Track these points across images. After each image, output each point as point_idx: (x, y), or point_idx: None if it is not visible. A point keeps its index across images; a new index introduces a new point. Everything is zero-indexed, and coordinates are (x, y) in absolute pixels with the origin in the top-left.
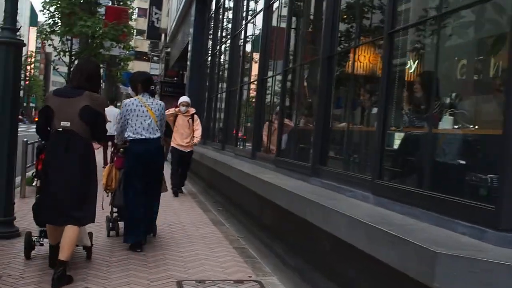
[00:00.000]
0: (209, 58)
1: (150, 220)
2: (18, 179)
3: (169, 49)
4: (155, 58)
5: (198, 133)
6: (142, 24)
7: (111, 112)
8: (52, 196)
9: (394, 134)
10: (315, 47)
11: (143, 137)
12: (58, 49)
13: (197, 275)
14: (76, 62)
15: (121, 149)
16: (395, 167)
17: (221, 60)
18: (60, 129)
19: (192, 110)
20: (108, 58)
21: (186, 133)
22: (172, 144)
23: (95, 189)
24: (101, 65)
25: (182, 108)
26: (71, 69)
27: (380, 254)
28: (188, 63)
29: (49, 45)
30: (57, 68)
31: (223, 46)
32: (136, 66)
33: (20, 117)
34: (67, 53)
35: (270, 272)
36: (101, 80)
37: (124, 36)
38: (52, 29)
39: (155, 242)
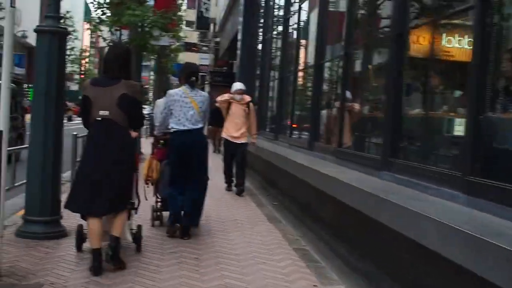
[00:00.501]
0: (260, 46)
1: (196, 210)
2: (68, 174)
3: (218, 39)
4: (204, 48)
5: (254, 128)
6: (191, 15)
7: (162, 103)
8: (90, 185)
9: (493, 119)
10: (380, 26)
11: (186, 127)
12: (107, 40)
13: (256, 284)
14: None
15: (161, 141)
16: (493, 162)
17: (273, 47)
18: (99, 118)
19: (248, 98)
20: (158, 49)
21: (241, 123)
22: (224, 135)
23: (132, 177)
24: (152, 57)
25: (237, 97)
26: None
27: (488, 274)
28: (238, 52)
29: (99, 36)
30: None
31: (274, 33)
32: (185, 57)
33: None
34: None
35: (337, 280)
36: (130, 63)
37: (173, 24)
38: (100, 19)
39: (208, 240)
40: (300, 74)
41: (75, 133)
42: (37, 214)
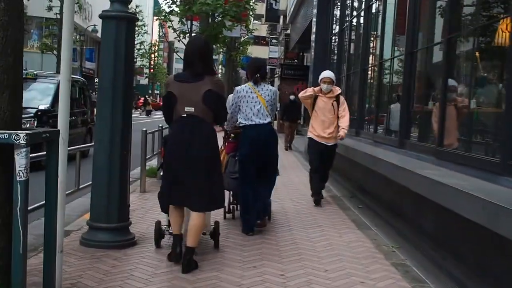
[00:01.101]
0: (336, 37)
1: (264, 205)
2: (137, 171)
3: (288, 31)
4: (273, 41)
5: (345, 121)
6: (260, 8)
7: None
8: (178, 182)
9: None
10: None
11: (254, 122)
12: (177, 30)
13: None
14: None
15: (232, 135)
16: None
17: (350, 38)
18: (184, 115)
19: (338, 90)
20: (228, 42)
21: (329, 121)
22: (310, 134)
23: (220, 173)
24: (221, 50)
25: (324, 87)
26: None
27: None
28: (312, 44)
29: (169, 26)
30: (177, 51)
31: (354, 20)
32: (254, 51)
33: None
34: (187, 35)
35: None
36: (212, 55)
37: (245, 14)
38: (171, 9)
39: (293, 250)
40: (386, 65)
41: (144, 128)
42: (103, 220)
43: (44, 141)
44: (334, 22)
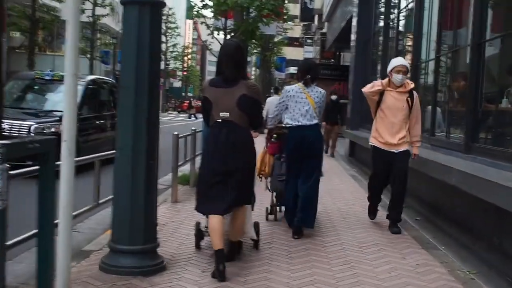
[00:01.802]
0: (379, 34)
1: (310, 210)
2: (168, 177)
3: (324, 30)
4: (308, 41)
5: (417, 130)
6: (293, 9)
7: (274, 101)
8: (215, 188)
9: None
10: None
11: (301, 123)
12: (211, 27)
13: None
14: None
15: (275, 135)
16: None
17: (397, 34)
18: (220, 120)
19: (411, 84)
20: (262, 42)
21: (399, 123)
22: (373, 142)
23: (253, 177)
24: (255, 51)
25: (398, 78)
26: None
27: None
28: (353, 42)
29: (202, 22)
30: (211, 49)
31: (401, 15)
32: (287, 52)
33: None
34: (221, 31)
35: None
36: (245, 59)
37: (282, 8)
38: (204, 3)
39: (350, 278)
40: (443, 59)
41: (176, 132)
42: (126, 241)
43: (35, 154)
44: (376, 19)
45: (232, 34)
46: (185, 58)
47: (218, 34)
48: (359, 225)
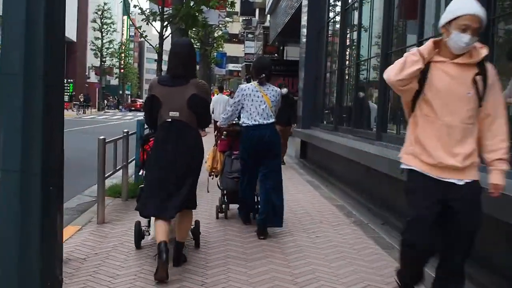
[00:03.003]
0: (334, 22)
1: (276, 211)
2: (92, 190)
3: (266, 24)
4: (249, 35)
5: (502, 133)
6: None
7: (221, 99)
8: (162, 188)
9: None
10: None
11: (257, 122)
12: (146, 13)
13: None
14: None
15: (225, 132)
16: None
17: (353, 22)
18: (169, 119)
19: (482, 51)
20: (201, 36)
21: (462, 127)
22: (410, 162)
23: (197, 178)
24: (196, 44)
25: (461, 39)
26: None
27: None
28: (303, 34)
29: (135, 6)
30: (146, 36)
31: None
32: (227, 49)
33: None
34: (158, 17)
35: None
36: (196, 58)
37: None
38: None
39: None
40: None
41: (102, 137)
42: None
43: None
44: (330, 6)
45: (171, 20)
46: (122, 55)
47: (154, 21)
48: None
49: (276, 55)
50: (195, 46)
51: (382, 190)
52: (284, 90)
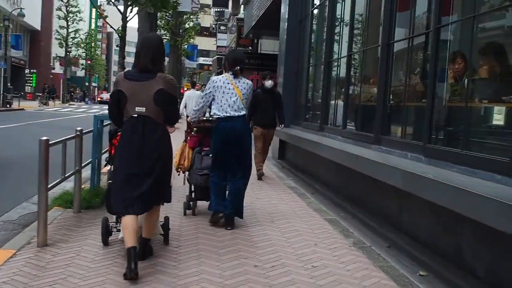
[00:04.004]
0: (320, 9)
1: (238, 201)
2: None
3: (240, 15)
4: (222, 27)
5: None
6: None
7: (193, 95)
8: (129, 185)
9: None
10: None
11: (229, 114)
12: None
13: None
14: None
15: (195, 128)
16: None
17: (344, 9)
18: (135, 115)
19: None
20: (172, 25)
21: None
22: None
23: (170, 174)
24: (166, 35)
25: None
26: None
27: None
28: (283, 27)
29: None
30: (106, 16)
31: None
32: (198, 42)
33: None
34: None
35: None
36: (165, 54)
37: None
38: None
39: None
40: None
41: (44, 138)
42: None
43: None
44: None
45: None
46: (89, 45)
47: (117, 1)
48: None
49: (250, 48)
50: (165, 37)
51: (384, 203)
52: (269, 83)
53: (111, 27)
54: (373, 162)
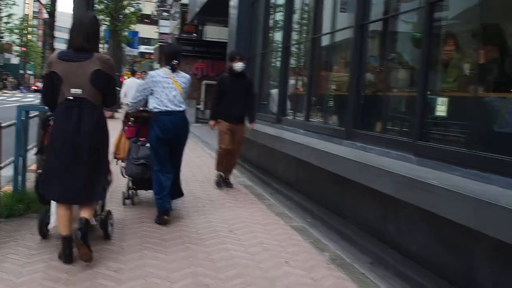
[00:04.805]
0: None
1: (176, 187)
2: None
3: (184, 1)
4: (164, 13)
5: None
6: None
7: (134, 83)
8: (63, 171)
9: None
10: None
11: (169, 109)
12: None
13: None
14: None
15: (132, 118)
16: None
17: None
18: (71, 97)
19: None
20: (111, 9)
21: None
22: None
23: (107, 162)
24: (105, 20)
25: None
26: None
27: None
28: (233, 11)
29: None
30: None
31: None
32: (139, 29)
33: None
34: None
35: None
36: (99, 33)
37: None
38: None
39: None
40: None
41: None
42: None
43: None
44: None
45: None
46: (24, 31)
47: None
48: None
49: (194, 34)
50: (104, 22)
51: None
52: (239, 66)
53: (41, 4)
54: (349, 160)
